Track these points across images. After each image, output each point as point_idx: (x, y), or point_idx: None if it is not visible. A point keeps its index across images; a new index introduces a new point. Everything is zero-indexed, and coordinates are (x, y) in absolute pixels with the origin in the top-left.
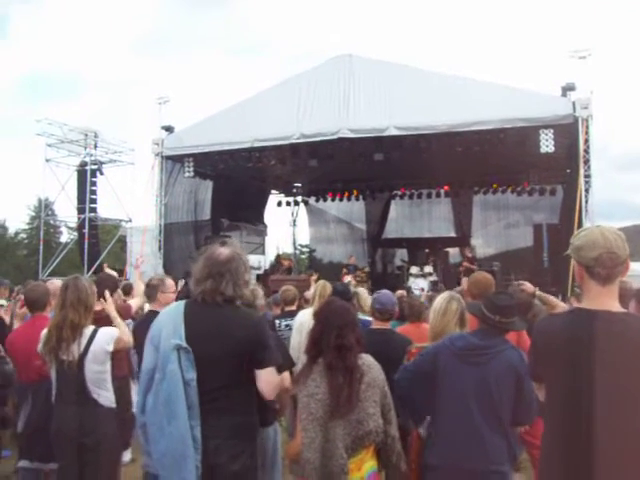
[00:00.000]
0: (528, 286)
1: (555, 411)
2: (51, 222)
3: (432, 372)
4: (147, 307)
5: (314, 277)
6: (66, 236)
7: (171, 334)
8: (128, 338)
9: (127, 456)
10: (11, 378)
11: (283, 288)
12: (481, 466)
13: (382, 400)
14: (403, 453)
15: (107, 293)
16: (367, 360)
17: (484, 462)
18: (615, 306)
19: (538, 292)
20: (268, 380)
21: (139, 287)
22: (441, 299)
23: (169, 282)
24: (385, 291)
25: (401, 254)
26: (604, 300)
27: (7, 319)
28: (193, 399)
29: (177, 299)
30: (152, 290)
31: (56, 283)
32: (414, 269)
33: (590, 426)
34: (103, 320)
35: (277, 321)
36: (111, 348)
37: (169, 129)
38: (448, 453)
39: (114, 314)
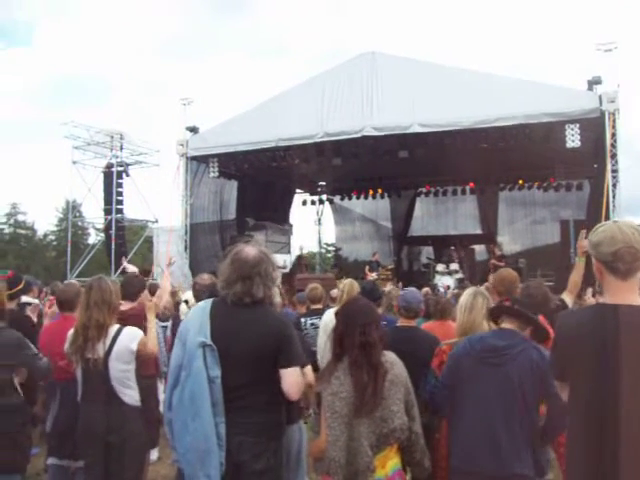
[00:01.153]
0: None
1: (580, 408)
2: (79, 224)
3: (457, 378)
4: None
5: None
6: (94, 237)
7: (197, 332)
8: (153, 345)
9: (154, 454)
10: (47, 373)
11: (310, 286)
12: (502, 471)
13: (405, 397)
14: (427, 450)
15: (151, 303)
16: (390, 357)
17: (504, 467)
18: (637, 300)
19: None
20: (292, 380)
21: (166, 286)
22: (466, 295)
23: None
24: (411, 289)
25: (427, 252)
26: (625, 295)
27: (34, 317)
28: (217, 396)
29: (203, 297)
30: (205, 289)
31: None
32: (440, 267)
33: (616, 422)
34: (130, 319)
35: (302, 319)
36: (135, 347)
37: (194, 130)
38: (469, 457)
39: (152, 323)
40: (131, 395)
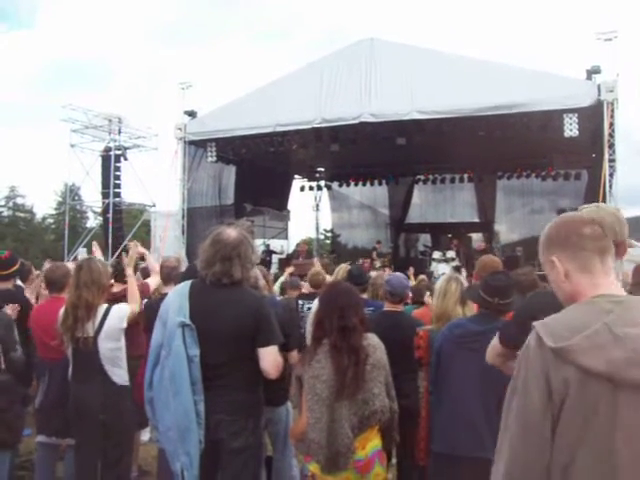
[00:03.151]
0: None
1: None
2: (77, 207)
3: (439, 364)
4: None
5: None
6: (92, 221)
7: (177, 312)
8: (135, 303)
9: (146, 435)
10: (15, 364)
11: (314, 271)
12: (480, 455)
13: (386, 379)
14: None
15: (129, 270)
16: (372, 340)
17: (482, 451)
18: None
19: None
20: (271, 358)
21: (155, 267)
22: (441, 281)
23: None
24: (397, 274)
25: (424, 239)
26: None
27: (33, 299)
28: (196, 375)
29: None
30: (171, 271)
31: (69, 265)
32: (437, 254)
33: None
34: (122, 300)
35: (300, 302)
36: (124, 325)
37: (192, 114)
38: (448, 441)
39: (132, 278)
40: (120, 375)
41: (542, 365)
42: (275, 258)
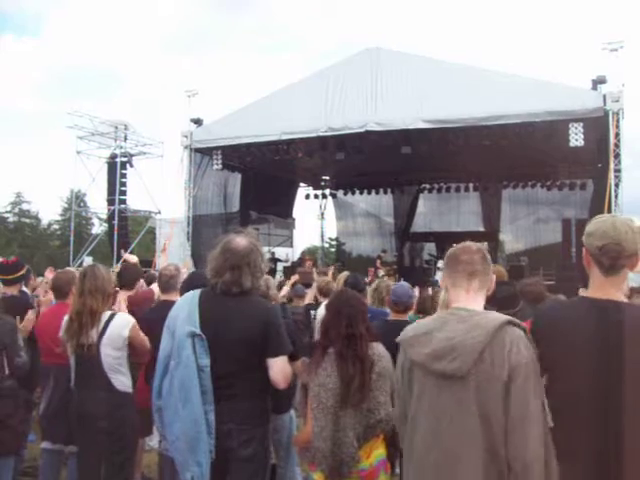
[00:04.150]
0: None
1: (571, 403)
2: (83, 214)
3: None
4: None
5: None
6: (97, 227)
7: (186, 321)
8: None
9: (152, 441)
10: (20, 371)
11: (326, 279)
12: None
13: (391, 388)
14: None
15: (122, 302)
16: (377, 350)
17: None
18: (619, 297)
19: None
20: (279, 369)
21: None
22: (444, 291)
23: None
24: (402, 283)
25: (429, 248)
26: (609, 290)
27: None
28: (207, 384)
29: (185, 287)
30: (169, 279)
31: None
32: (441, 263)
33: (619, 417)
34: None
35: (312, 312)
36: (127, 334)
37: (198, 122)
38: None
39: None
40: (122, 381)
41: (401, 353)
42: (280, 266)
